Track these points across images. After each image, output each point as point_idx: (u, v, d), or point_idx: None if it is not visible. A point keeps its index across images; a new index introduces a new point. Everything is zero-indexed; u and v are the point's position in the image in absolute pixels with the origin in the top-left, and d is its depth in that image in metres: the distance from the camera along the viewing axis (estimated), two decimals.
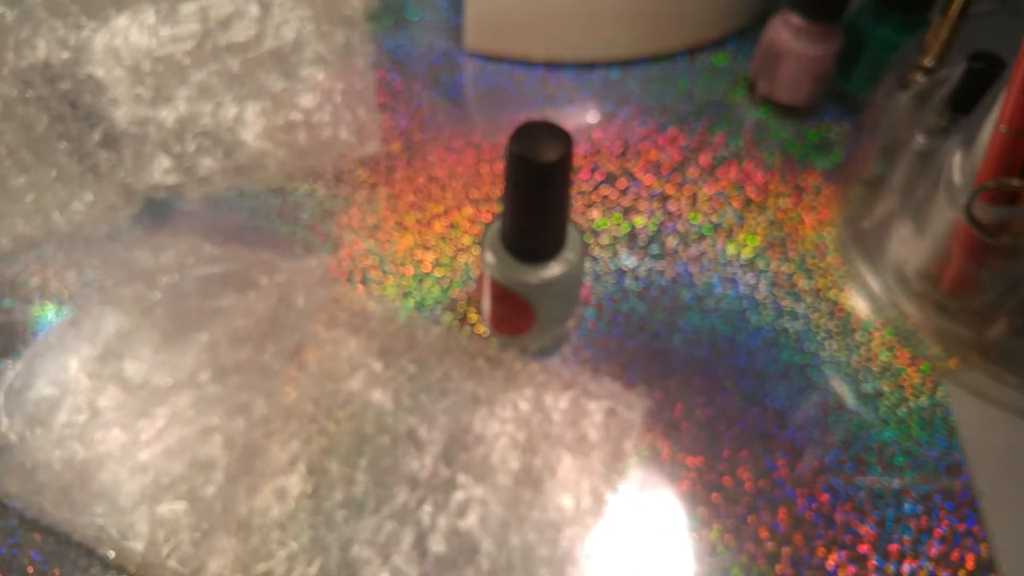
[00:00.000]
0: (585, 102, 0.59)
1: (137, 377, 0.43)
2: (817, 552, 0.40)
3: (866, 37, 0.54)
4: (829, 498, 0.41)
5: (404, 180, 0.54)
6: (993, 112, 0.39)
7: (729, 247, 0.51)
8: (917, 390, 0.46)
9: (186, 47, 0.53)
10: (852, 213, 0.52)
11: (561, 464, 0.41)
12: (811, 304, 0.49)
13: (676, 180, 0.55)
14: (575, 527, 0.39)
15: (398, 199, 0.53)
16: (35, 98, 0.51)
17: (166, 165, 0.52)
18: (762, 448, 0.43)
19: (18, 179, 0.50)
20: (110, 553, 0.38)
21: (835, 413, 0.45)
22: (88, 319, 0.45)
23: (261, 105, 0.54)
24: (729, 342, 0.47)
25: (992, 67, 0.43)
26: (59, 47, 0.51)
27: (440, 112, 0.58)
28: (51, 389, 0.43)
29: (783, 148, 0.56)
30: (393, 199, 0.53)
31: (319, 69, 0.56)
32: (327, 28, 0.57)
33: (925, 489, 0.42)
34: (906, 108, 0.48)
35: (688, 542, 0.40)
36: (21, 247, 0.49)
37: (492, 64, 0.61)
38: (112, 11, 0.53)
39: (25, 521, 0.40)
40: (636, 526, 0.40)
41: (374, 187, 0.54)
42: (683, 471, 0.42)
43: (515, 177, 0.37)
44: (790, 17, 0.54)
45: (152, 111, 0.52)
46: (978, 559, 0.40)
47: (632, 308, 0.48)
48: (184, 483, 0.39)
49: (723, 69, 0.61)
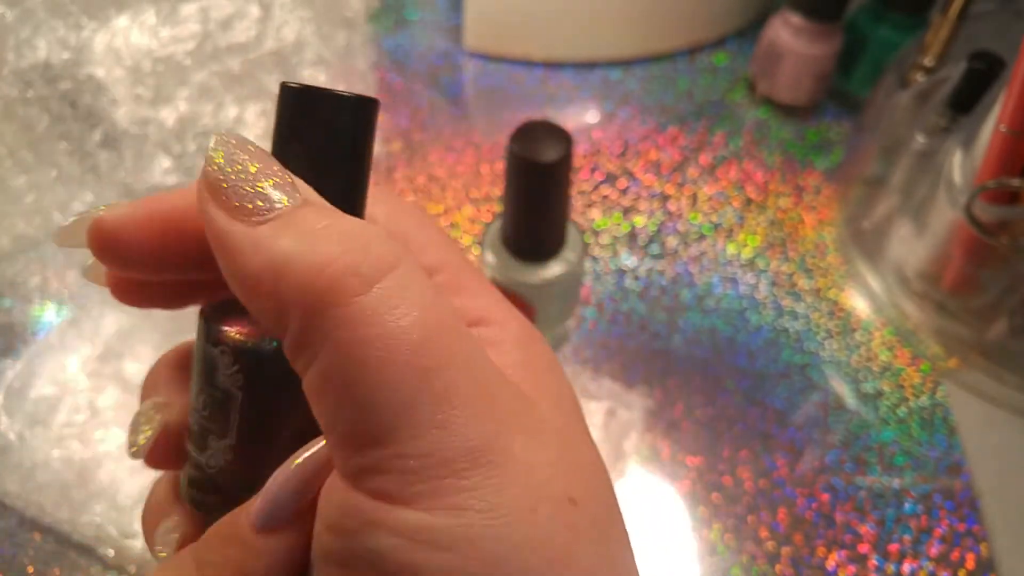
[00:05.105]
0: (585, 102, 0.59)
1: (137, 377, 0.43)
2: (817, 552, 0.40)
3: (866, 37, 0.54)
4: (829, 498, 0.41)
5: (404, 180, 0.54)
6: (993, 112, 0.39)
7: (729, 247, 0.51)
8: (917, 390, 0.46)
9: (187, 48, 0.53)
10: (852, 213, 0.52)
11: None
12: (811, 304, 0.49)
13: (676, 180, 0.54)
14: None
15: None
16: (35, 98, 0.51)
17: (166, 165, 0.52)
18: (762, 448, 0.43)
19: (18, 179, 0.50)
20: (109, 552, 0.38)
21: (835, 413, 0.44)
22: (88, 319, 0.45)
23: (262, 106, 0.54)
24: (729, 342, 0.47)
25: (992, 67, 0.43)
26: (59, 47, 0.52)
27: (440, 112, 0.58)
28: (51, 389, 0.43)
29: (783, 148, 0.56)
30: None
31: (320, 70, 0.56)
32: (327, 29, 0.57)
33: (925, 489, 0.42)
34: (906, 108, 0.48)
35: (688, 542, 0.40)
36: (21, 247, 0.49)
37: (492, 64, 0.61)
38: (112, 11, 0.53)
39: (25, 521, 0.40)
40: (636, 526, 0.40)
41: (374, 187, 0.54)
42: (683, 471, 0.42)
43: (515, 177, 0.37)
44: (790, 17, 0.53)
45: (152, 111, 0.52)
46: (978, 559, 0.40)
47: (632, 308, 0.48)
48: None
49: (723, 69, 0.61)
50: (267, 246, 0.16)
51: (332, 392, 0.16)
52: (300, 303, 0.16)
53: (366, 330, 0.15)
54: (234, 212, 0.17)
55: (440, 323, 0.16)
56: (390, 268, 0.16)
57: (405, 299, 0.16)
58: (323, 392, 0.16)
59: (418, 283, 0.16)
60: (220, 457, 0.20)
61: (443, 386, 0.16)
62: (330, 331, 0.16)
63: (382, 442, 0.16)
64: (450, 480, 0.16)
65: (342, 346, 0.16)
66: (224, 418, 0.19)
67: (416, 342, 0.16)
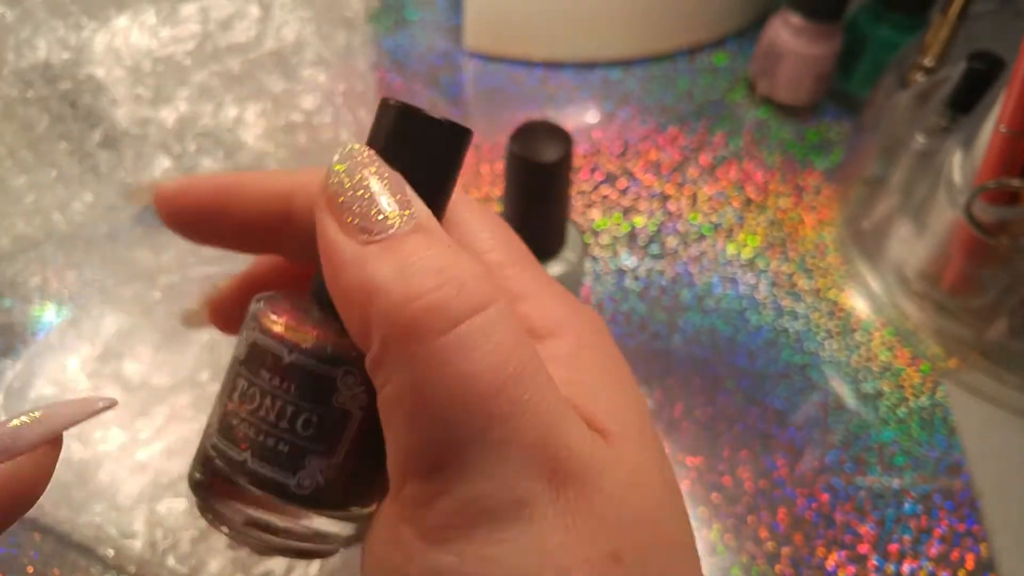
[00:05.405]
0: (585, 102, 0.59)
1: (137, 377, 0.43)
2: (817, 552, 0.40)
3: (866, 37, 0.54)
4: (829, 498, 0.41)
5: None
6: (993, 112, 0.39)
7: (729, 247, 0.51)
8: (917, 390, 0.46)
9: (186, 48, 0.53)
10: (852, 213, 0.52)
11: None
12: (811, 304, 0.49)
13: (676, 180, 0.54)
14: None
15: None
16: (35, 98, 0.51)
17: (166, 165, 0.52)
18: (762, 448, 0.43)
19: (18, 179, 0.50)
20: (109, 552, 0.38)
21: (835, 413, 0.44)
22: (88, 319, 0.45)
23: (262, 106, 0.54)
24: (729, 342, 0.47)
25: (992, 67, 0.43)
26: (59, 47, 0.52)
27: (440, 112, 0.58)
28: (51, 389, 0.43)
29: (783, 148, 0.56)
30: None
31: (320, 70, 0.56)
32: (328, 29, 0.57)
33: (925, 489, 0.42)
34: (906, 108, 0.48)
35: None
36: (21, 247, 0.49)
37: (492, 64, 0.61)
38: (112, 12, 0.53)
39: (25, 521, 0.40)
40: None
41: None
42: (683, 471, 0.42)
43: (515, 177, 0.37)
44: (790, 17, 0.53)
45: (152, 111, 0.52)
46: (978, 559, 0.40)
47: (632, 308, 0.48)
48: (183, 482, 0.39)
49: (723, 69, 0.61)
50: (367, 267, 0.17)
51: (398, 418, 0.16)
52: (383, 329, 0.16)
53: (439, 369, 0.16)
54: (345, 227, 0.17)
55: (517, 371, 0.16)
56: (478, 309, 0.16)
57: (486, 342, 0.16)
58: (391, 415, 0.17)
59: (503, 327, 0.17)
60: (319, 476, 0.19)
61: (502, 436, 0.16)
62: (406, 362, 0.16)
63: (431, 478, 0.16)
64: (486, 530, 0.16)
65: (414, 380, 0.16)
66: (334, 438, 0.19)
67: (486, 388, 0.16)
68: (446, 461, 0.16)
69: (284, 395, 0.19)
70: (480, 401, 0.16)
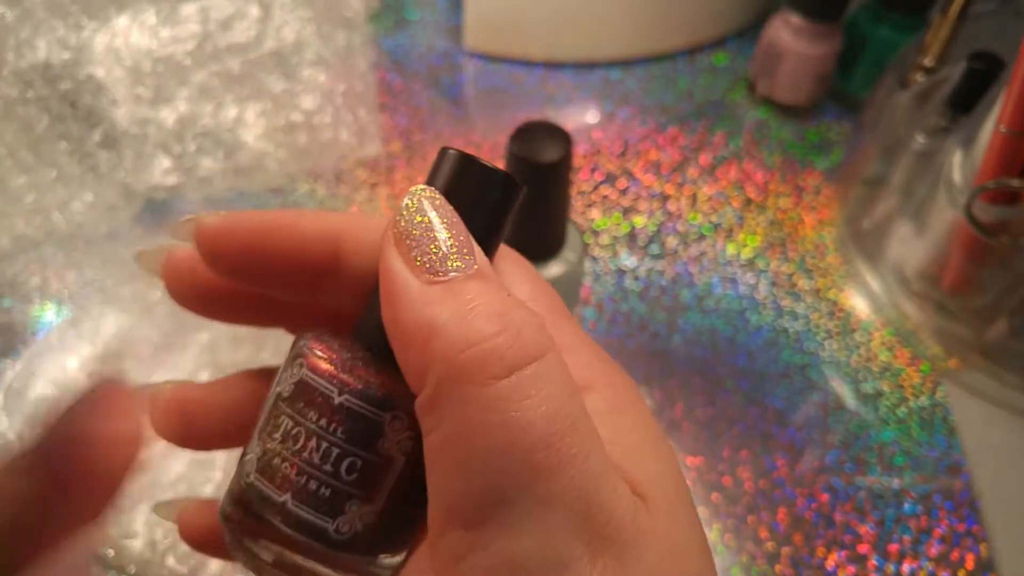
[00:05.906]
0: (585, 102, 0.59)
1: (137, 377, 0.43)
2: (817, 552, 0.40)
3: (866, 37, 0.54)
4: (829, 498, 0.41)
5: (404, 180, 0.54)
6: (993, 112, 0.39)
7: (729, 247, 0.51)
8: (917, 390, 0.46)
9: (187, 48, 0.53)
10: (852, 213, 0.52)
11: None
12: (811, 304, 0.49)
13: (676, 180, 0.55)
14: None
15: (398, 199, 0.53)
16: (35, 98, 0.51)
17: (166, 165, 0.52)
18: (762, 448, 0.43)
19: (18, 179, 0.50)
20: (109, 552, 0.38)
21: (835, 413, 0.44)
22: (88, 319, 0.45)
23: (262, 106, 0.54)
24: (729, 342, 0.47)
25: (992, 67, 0.43)
26: (59, 47, 0.52)
27: (440, 112, 0.58)
28: (51, 389, 0.43)
29: (783, 148, 0.56)
30: (393, 199, 0.53)
31: (320, 70, 0.56)
32: (328, 29, 0.57)
33: (925, 489, 0.42)
34: (906, 108, 0.48)
35: None
36: (21, 247, 0.49)
37: (492, 64, 0.61)
38: (112, 11, 0.54)
39: None
40: None
41: (374, 187, 0.54)
42: (683, 471, 0.42)
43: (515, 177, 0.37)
44: (790, 17, 0.54)
45: (152, 111, 0.52)
46: (977, 559, 0.40)
47: (632, 308, 0.48)
48: (183, 482, 0.39)
49: (723, 69, 0.61)
50: (429, 307, 0.17)
51: (444, 463, 0.16)
52: (440, 370, 0.16)
53: (492, 415, 0.16)
54: (412, 265, 0.17)
55: (567, 424, 0.16)
56: (534, 358, 0.16)
57: (539, 392, 0.16)
58: (437, 460, 0.17)
59: (557, 378, 0.17)
60: (358, 523, 0.19)
61: (547, 492, 0.16)
62: (459, 405, 0.16)
63: (469, 528, 0.16)
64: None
65: (466, 424, 0.16)
66: (377, 483, 0.19)
67: (535, 439, 0.16)
68: (489, 514, 0.16)
69: (331, 437, 0.19)
70: (528, 454, 0.16)
